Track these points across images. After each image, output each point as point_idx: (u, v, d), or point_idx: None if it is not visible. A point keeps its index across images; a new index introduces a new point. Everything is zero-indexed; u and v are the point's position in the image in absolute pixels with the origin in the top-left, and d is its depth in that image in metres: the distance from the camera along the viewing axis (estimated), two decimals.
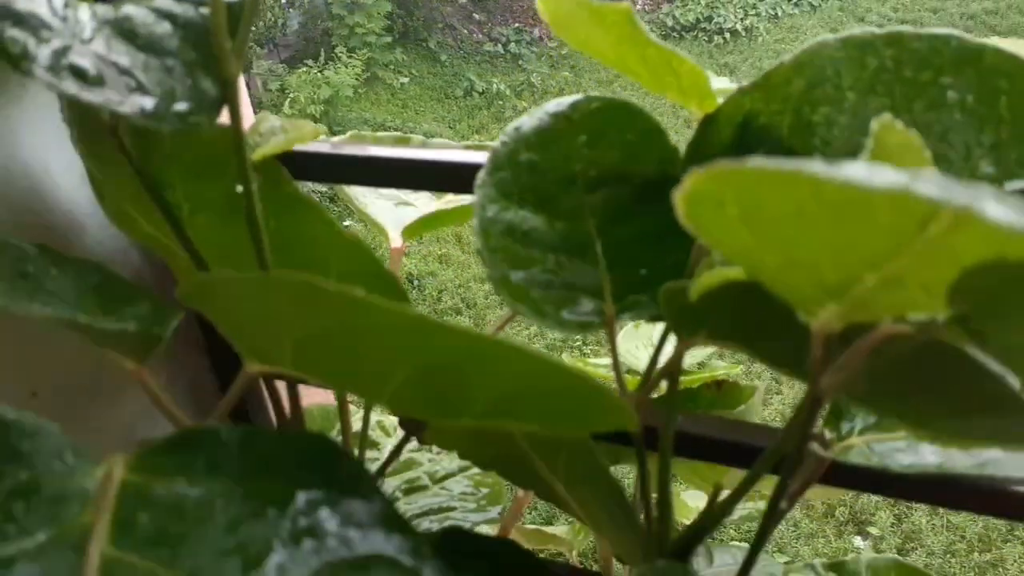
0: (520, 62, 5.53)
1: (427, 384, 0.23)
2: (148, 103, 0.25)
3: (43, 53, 0.23)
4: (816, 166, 0.16)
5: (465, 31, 5.86)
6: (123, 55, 0.25)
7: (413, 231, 0.51)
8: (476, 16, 5.96)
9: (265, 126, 0.34)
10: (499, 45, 5.72)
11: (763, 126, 0.32)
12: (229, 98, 0.27)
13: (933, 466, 0.33)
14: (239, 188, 0.29)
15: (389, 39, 5.42)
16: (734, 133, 0.32)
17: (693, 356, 0.63)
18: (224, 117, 0.30)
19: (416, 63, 5.54)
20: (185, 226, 0.35)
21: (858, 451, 0.36)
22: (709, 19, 5.74)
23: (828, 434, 0.38)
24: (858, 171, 0.15)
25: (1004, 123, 0.29)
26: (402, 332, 0.22)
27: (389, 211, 0.54)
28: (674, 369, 0.33)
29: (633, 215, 0.35)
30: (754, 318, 0.29)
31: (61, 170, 0.42)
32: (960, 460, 0.33)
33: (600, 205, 0.35)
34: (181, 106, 0.26)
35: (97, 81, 0.24)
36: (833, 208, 0.18)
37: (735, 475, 0.43)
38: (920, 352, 0.26)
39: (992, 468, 0.31)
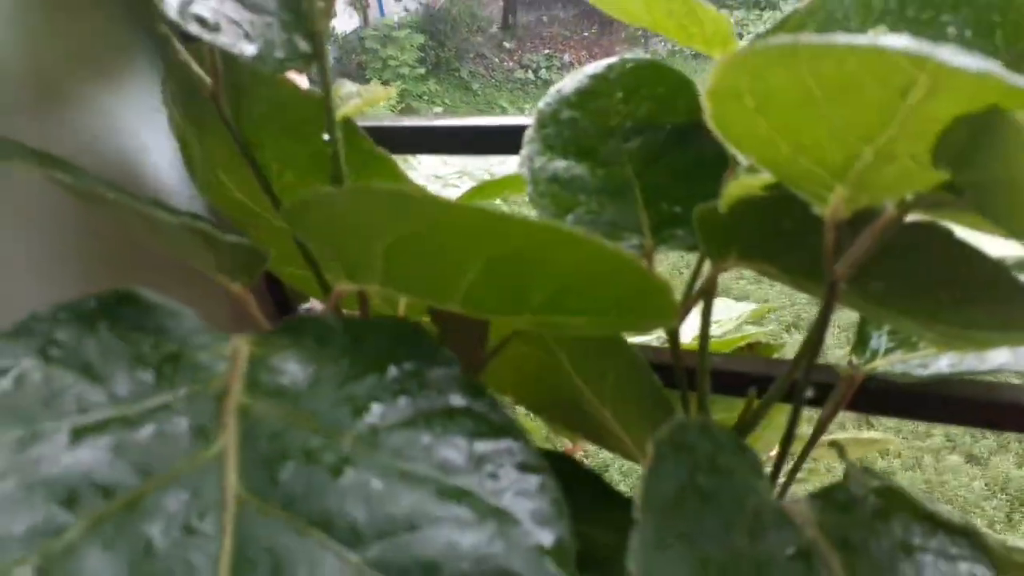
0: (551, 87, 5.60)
1: (495, 276, 0.28)
2: (253, 48, 0.30)
3: (172, 2, 0.29)
4: (808, 36, 0.20)
5: (496, 59, 5.97)
6: (233, 11, 0.30)
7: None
8: (506, 44, 6.06)
9: (343, 91, 0.39)
10: (530, 72, 5.82)
11: None
12: (318, 52, 0.32)
13: (947, 372, 0.36)
14: (326, 137, 0.34)
15: (422, 70, 5.55)
16: None
17: (722, 325, 0.66)
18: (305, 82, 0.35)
19: (449, 92, 5.65)
20: (274, 184, 0.40)
21: (883, 370, 0.39)
22: None
23: (855, 360, 0.41)
24: (842, 37, 0.19)
25: (1000, 52, 0.33)
26: (477, 226, 0.26)
27: (437, 190, 0.59)
28: (710, 289, 0.36)
29: (666, 158, 0.39)
30: (776, 232, 0.33)
31: (152, 153, 0.48)
32: (972, 364, 0.36)
33: (636, 152, 0.40)
34: (279, 54, 0.31)
35: (215, 27, 0.29)
36: (830, 87, 0.22)
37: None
38: (920, 241, 0.30)
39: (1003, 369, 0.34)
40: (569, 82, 0.41)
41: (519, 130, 0.41)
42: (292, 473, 0.23)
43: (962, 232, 0.30)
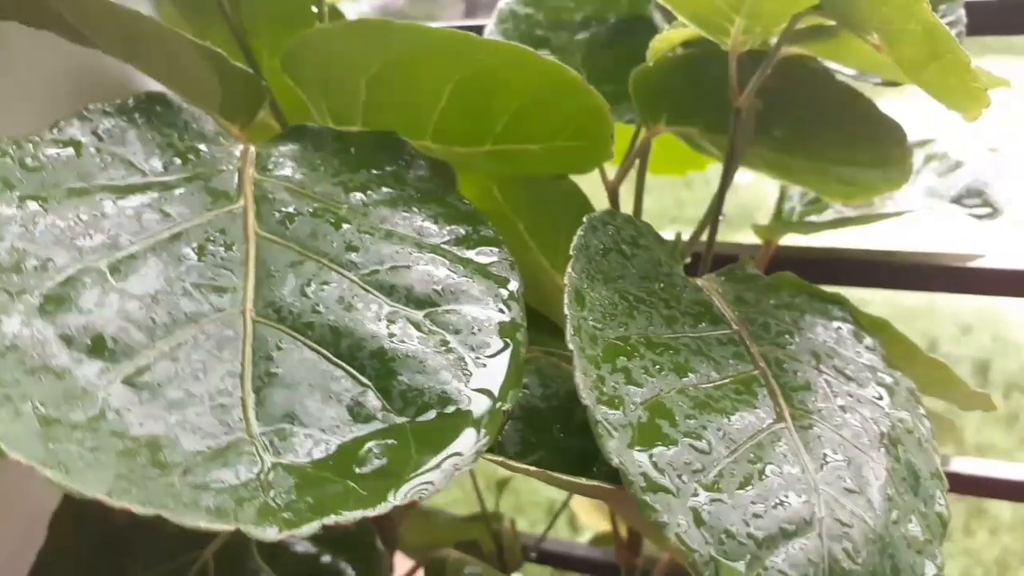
0: None
1: (464, 99, 0.34)
2: None
3: None
4: None
5: None
6: None
7: None
8: None
9: None
10: None
11: None
12: None
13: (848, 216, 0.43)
14: (314, 9, 0.40)
15: None
16: None
17: None
18: None
19: None
20: (265, 70, 0.45)
21: (800, 223, 0.46)
22: None
23: (772, 227, 0.48)
24: None
25: None
26: (451, 46, 0.32)
27: None
28: (644, 151, 0.43)
29: (610, 47, 0.45)
30: (696, 93, 0.40)
31: None
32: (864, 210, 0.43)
33: (584, 42, 0.46)
34: None
35: None
36: None
37: None
38: (807, 85, 0.36)
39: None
40: None
41: (478, 29, 0.47)
42: (300, 224, 0.28)
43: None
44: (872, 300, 2.25)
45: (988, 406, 0.37)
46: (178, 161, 0.30)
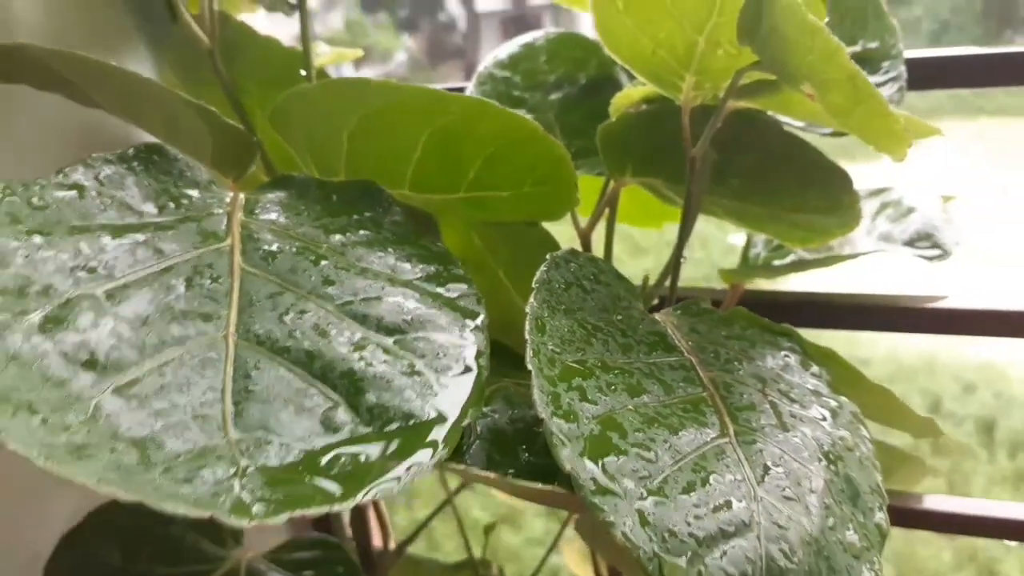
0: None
1: (437, 149, 0.36)
2: None
3: None
4: None
5: None
6: None
7: None
8: None
9: (318, 49, 0.48)
10: None
11: None
12: (301, 5, 0.41)
13: (807, 260, 0.45)
14: (303, 72, 0.43)
15: None
16: None
17: None
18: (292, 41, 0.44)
19: None
20: (256, 129, 0.49)
21: (763, 267, 0.48)
22: None
23: (737, 271, 0.50)
24: None
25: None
26: (423, 102, 0.35)
27: None
28: (613, 201, 0.45)
29: (581, 105, 0.49)
30: (656, 146, 0.42)
31: None
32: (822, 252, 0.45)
33: (557, 102, 0.49)
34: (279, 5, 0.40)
35: None
36: None
37: None
38: (759, 137, 0.39)
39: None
40: (503, 49, 0.51)
41: (460, 91, 0.50)
42: (281, 260, 0.31)
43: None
44: (873, 359, 2.25)
45: (935, 433, 0.38)
46: (172, 205, 0.32)
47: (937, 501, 0.50)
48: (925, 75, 0.44)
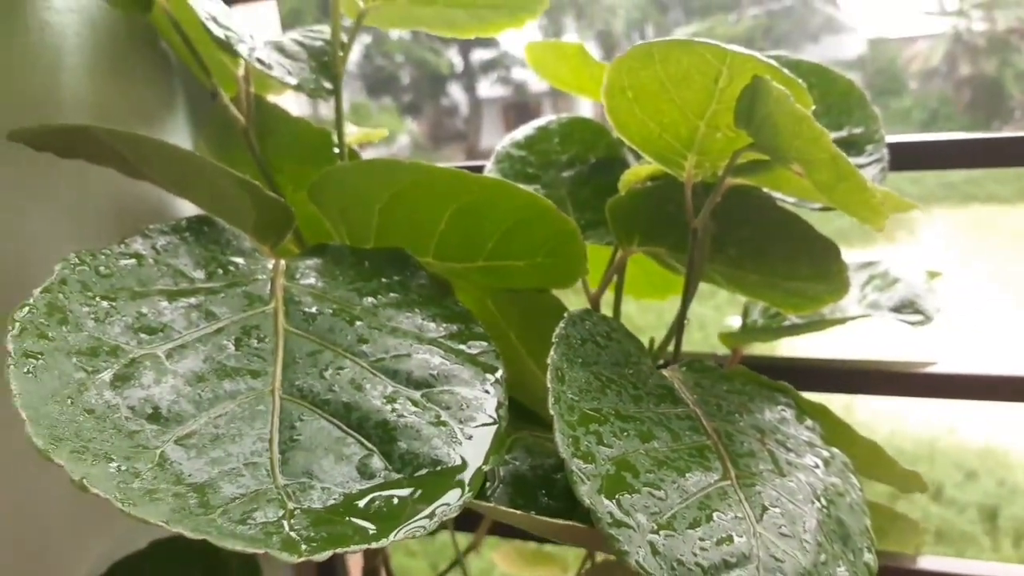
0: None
1: (459, 224, 0.40)
2: (294, 80, 0.43)
3: (242, 47, 0.42)
4: (658, 41, 0.33)
5: None
6: (280, 58, 0.44)
7: None
8: None
9: (349, 129, 0.52)
10: None
11: None
12: (336, 88, 0.45)
13: (800, 324, 0.48)
14: (336, 150, 0.47)
15: None
16: None
17: None
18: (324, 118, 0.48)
19: None
20: (290, 203, 0.52)
21: (761, 330, 0.51)
22: None
23: (736, 335, 0.53)
24: (676, 40, 0.33)
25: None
26: (446, 181, 0.38)
27: None
28: (621, 268, 0.48)
29: (591, 181, 0.52)
30: (662, 217, 0.46)
31: None
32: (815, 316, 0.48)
33: (569, 179, 0.53)
34: (311, 86, 0.44)
35: (269, 66, 0.43)
36: (674, 79, 0.35)
37: None
38: (755, 211, 0.42)
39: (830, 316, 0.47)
40: (519, 131, 0.55)
41: (479, 169, 0.54)
42: (320, 321, 0.34)
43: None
44: None
45: (921, 487, 0.41)
46: (220, 271, 0.36)
47: (932, 562, 0.52)
48: (912, 157, 0.48)
